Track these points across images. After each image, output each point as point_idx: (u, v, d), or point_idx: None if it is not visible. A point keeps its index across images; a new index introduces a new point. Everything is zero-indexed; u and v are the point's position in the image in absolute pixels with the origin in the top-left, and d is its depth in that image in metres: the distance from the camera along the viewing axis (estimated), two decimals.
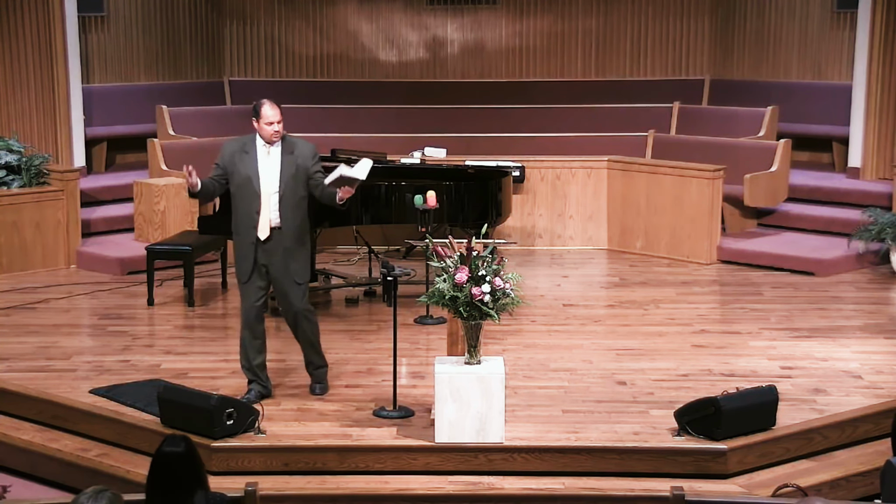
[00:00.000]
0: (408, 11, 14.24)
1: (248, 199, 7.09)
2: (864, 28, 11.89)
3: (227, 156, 7.16)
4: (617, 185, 11.49)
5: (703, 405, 6.65)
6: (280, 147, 7.12)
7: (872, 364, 8.00)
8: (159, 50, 13.77)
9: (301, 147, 7.18)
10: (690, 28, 14.04)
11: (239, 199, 7.16)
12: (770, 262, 10.68)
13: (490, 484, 6.45)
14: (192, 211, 10.85)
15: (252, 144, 7.12)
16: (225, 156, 7.18)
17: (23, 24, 11.47)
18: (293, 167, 7.10)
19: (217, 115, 13.16)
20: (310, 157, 7.18)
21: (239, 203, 7.16)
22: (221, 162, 7.19)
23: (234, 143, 7.22)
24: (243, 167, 7.09)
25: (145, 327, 9.05)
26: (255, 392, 7.28)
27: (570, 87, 13.98)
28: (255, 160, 7.09)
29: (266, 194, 7.07)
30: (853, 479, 6.56)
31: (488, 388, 6.52)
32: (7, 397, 7.48)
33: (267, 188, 7.07)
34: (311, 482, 6.46)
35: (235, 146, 7.18)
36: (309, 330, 7.37)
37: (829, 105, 12.85)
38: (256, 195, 7.07)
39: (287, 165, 7.09)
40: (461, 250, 6.53)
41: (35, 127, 11.58)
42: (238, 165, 7.10)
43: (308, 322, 7.35)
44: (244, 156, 7.10)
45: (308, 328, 7.36)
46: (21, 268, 10.53)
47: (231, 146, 7.21)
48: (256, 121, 7.07)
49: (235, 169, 7.11)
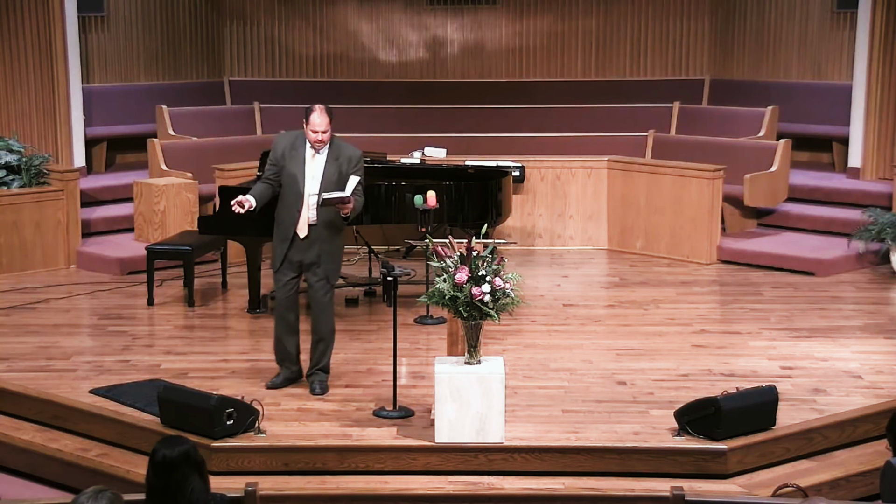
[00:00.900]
0: (408, 11, 14.24)
1: (292, 196, 7.26)
2: (864, 28, 11.89)
3: (280, 150, 7.32)
4: (617, 185, 11.49)
5: (703, 405, 6.65)
6: (327, 151, 7.25)
7: (872, 364, 8.00)
8: (159, 50, 13.77)
9: (347, 152, 7.30)
10: (690, 28, 14.04)
11: (285, 194, 7.32)
12: (770, 262, 10.69)
13: (490, 484, 6.45)
14: (192, 211, 10.86)
15: (302, 142, 7.29)
16: (277, 150, 7.33)
17: (23, 24, 11.47)
18: (336, 173, 7.23)
19: (217, 115, 13.16)
20: (353, 164, 7.30)
21: (285, 196, 7.32)
22: (274, 157, 7.34)
23: (287, 138, 7.36)
24: (291, 165, 7.26)
25: (145, 327, 9.05)
26: (282, 377, 7.46)
27: (570, 87, 13.98)
28: (303, 161, 7.25)
29: (308, 195, 7.22)
30: (853, 479, 6.56)
31: (488, 388, 6.52)
32: (7, 397, 7.48)
33: (310, 189, 7.22)
34: (311, 482, 6.46)
35: (287, 141, 7.33)
36: (326, 330, 7.44)
37: (829, 105, 12.85)
38: (300, 195, 7.23)
39: (330, 171, 7.23)
40: (461, 250, 6.54)
41: (35, 127, 11.58)
42: (288, 161, 7.28)
43: (328, 322, 7.43)
44: (294, 153, 7.27)
45: (327, 328, 7.44)
46: (21, 268, 10.53)
47: (284, 140, 7.35)
48: (305, 124, 7.21)
49: (286, 164, 7.28)
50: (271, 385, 7.46)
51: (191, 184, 11.01)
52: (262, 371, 7.87)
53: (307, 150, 7.25)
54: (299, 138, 7.30)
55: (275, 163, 7.34)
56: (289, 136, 7.39)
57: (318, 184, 7.22)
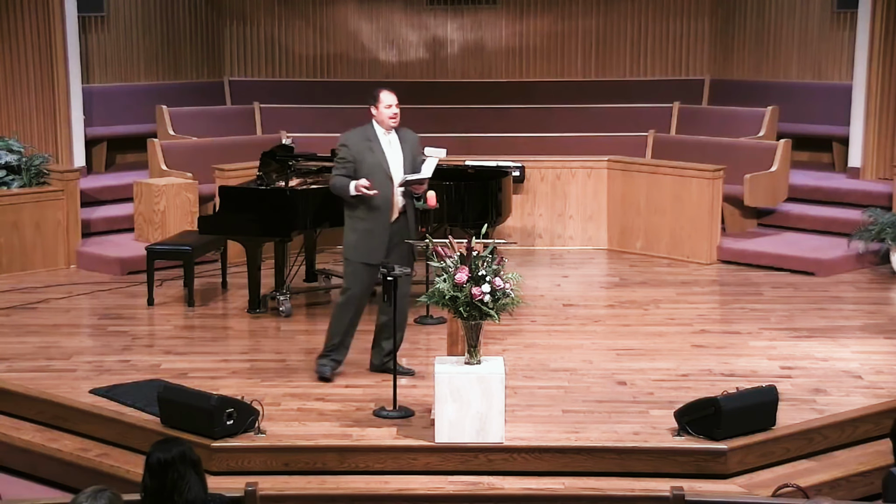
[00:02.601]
0: (408, 11, 14.23)
1: (381, 185, 7.36)
2: (864, 28, 11.88)
3: (354, 147, 7.43)
4: (617, 185, 11.49)
5: (703, 405, 6.65)
6: (397, 136, 7.46)
7: (872, 364, 8.00)
8: (159, 50, 13.76)
9: (409, 135, 7.57)
10: (690, 28, 14.04)
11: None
12: (770, 262, 10.68)
13: (490, 484, 6.45)
14: (192, 211, 10.86)
15: (373, 133, 7.44)
16: (352, 148, 7.43)
17: (23, 24, 11.47)
18: (410, 154, 7.48)
19: (217, 115, 13.16)
20: (417, 144, 7.56)
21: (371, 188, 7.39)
22: (349, 155, 7.43)
23: (356, 135, 7.49)
24: (371, 156, 7.38)
25: (145, 327, 9.05)
26: (329, 367, 7.61)
27: (570, 87, 13.97)
28: (381, 148, 7.41)
29: (395, 180, 7.39)
30: (853, 479, 6.56)
31: (488, 388, 6.52)
32: (7, 397, 7.48)
33: (395, 174, 7.39)
34: (311, 482, 6.46)
35: (358, 137, 7.47)
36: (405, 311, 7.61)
37: (829, 105, 12.84)
38: (390, 180, 7.38)
39: (406, 152, 7.48)
40: (461, 250, 6.54)
41: (35, 127, 11.58)
42: (365, 154, 7.39)
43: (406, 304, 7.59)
44: (369, 144, 7.41)
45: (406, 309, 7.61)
46: (21, 268, 10.53)
47: (354, 137, 7.48)
48: (374, 106, 7.42)
49: (363, 158, 7.38)
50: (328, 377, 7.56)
51: (191, 184, 11.00)
52: (261, 371, 7.88)
53: (381, 139, 7.41)
54: (368, 131, 7.45)
55: (350, 159, 7.40)
56: (356, 132, 7.51)
57: (401, 167, 7.44)
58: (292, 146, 9.83)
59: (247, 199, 9.21)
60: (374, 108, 7.44)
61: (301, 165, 9.74)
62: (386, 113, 7.41)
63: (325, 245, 11.21)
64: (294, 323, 9.10)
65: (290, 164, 9.50)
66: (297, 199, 9.12)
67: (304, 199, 9.14)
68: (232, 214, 9.23)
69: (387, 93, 7.43)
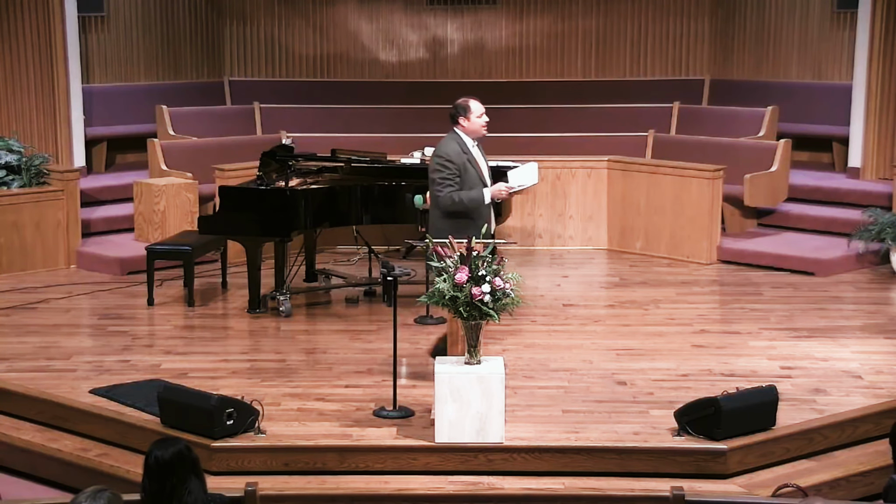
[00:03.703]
0: (408, 11, 14.24)
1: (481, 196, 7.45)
2: (864, 28, 11.88)
3: (456, 158, 7.46)
4: (617, 186, 11.49)
5: (703, 405, 6.65)
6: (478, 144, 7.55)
7: (872, 364, 8.00)
8: (159, 50, 13.77)
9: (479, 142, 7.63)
10: (690, 28, 14.04)
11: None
12: (770, 262, 10.68)
13: (490, 484, 6.45)
14: (192, 211, 10.87)
15: (465, 145, 7.51)
16: (455, 159, 7.45)
17: (23, 24, 11.47)
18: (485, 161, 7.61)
19: (217, 115, 13.16)
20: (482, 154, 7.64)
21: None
22: (455, 166, 7.45)
23: (453, 145, 7.51)
24: (471, 167, 7.47)
25: (145, 327, 9.05)
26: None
27: (570, 87, 13.98)
28: (476, 159, 7.50)
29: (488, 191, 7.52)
30: (853, 479, 6.55)
31: (488, 388, 6.52)
32: (7, 397, 7.48)
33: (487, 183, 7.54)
34: (311, 482, 6.46)
35: (456, 147, 7.51)
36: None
37: (829, 105, 12.85)
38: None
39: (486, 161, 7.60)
40: (461, 250, 6.54)
41: (35, 127, 11.58)
42: (467, 165, 7.46)
43: None
44: (466, 157, 7.46)
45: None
46: (21, 268, 10.53)
47: (453, 148, 7.50)
48: (465, 117, 7.48)
49: (466, 168, 7.44)
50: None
51: (191, 184, 11.01)
52: (261, 371, 7.88)
53: (473, 150, 7.50)
54: (459, 142, 7.50)
55: (456, 174, 7.43)
56: (450, 146, 7.52)
57: (488, 178, 7.56)
58: (292, 146, 9.83)
59: (247, 199, 9.21)
60: (463, 118, 7.50)
61: (301, 165, 9.75)
62: (479, 122, 7.50)
63: (325, 245, 11.22)
64: (294, 323, 9.10)
65: (290, 164, 9.50)
66: (297, 199, 9.12)
67: (304, 199, 9.14)
68: (232, 214, 9.23)
69: (477, 102, 7.53)
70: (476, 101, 7.58)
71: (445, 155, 7.48)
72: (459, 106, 7.54)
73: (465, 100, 7.59)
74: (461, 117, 7.52)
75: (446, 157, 7.47)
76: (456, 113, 7.54)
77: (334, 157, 9.97)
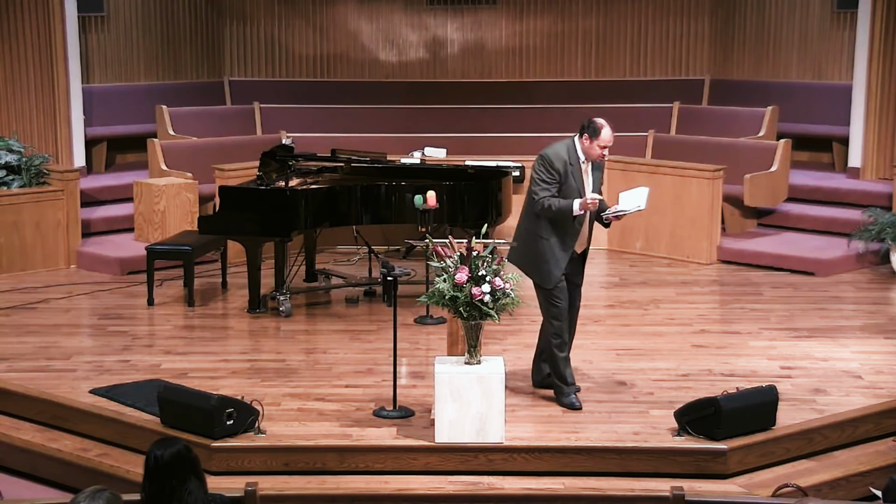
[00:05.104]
0: (408, 11, 14.23)
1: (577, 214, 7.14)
2: (864, 28, 11.88)
3: (560, 165, 7.11)
4: (617, 185, 11.45)
5: (703, 405, 6.65)
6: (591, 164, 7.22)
7: (872, 364, 8.00)
8: (159, 50, 13.76)
9: (599, 164, 7.29)
10: (690, 28, 14.04)
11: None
12: (770, 262, 10.68)
13: (490, 484, 6.45)
14: (192, 211, 10.86)
15: (575, 156, 7.14)
16: (558, 165, 7.10)
17: (23, 24, 11.47)
18: (598, 183, 7.27)
19: (217, 115, 13.16)
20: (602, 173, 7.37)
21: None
22: (556, 172, 7.11)
23: (561, 152, 7.15)
24: (572, 180, 7.13)
25: (145, 327, 9.05)
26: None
27: (570, 87, 13.97)
28: (581, 174, 7.15)
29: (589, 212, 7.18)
30: (853, 479, 6.56)
31: (488, 388, 6.52)
32: (7, 397, 7.48)
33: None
34: (311, 482, 6.46)
35: (563, 155, 7.14)
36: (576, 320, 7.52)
37: (829, 105, 12.84)
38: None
39: (596, 181, 7.25)
40: (461, 250, 6.54)
41: (35, 127, 11.58)
42: (569, 177, 7.12)
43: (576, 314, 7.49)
44: (571, 168, 7.13)
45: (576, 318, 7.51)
46: (21, 268, 10.53)
47: (559, 155, 7.14)
48: (589, 138, 7.07)
49: (567, 179, 7.12)
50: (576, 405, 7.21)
51: (191, 184, 11.01)
52: (261, 371, 7.87)
53: (582, 166, 7.15)
54: (570, 153, 7.13)
55: (557, 179, 7.09)
56: (560, 149, 7.17)
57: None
58: (292, 146, 9.83)
59: (247, 199, 9.21)
60: (587, 137, 7.08)
61: (301, 165, 9.75)
62: (596, 150, 7.10)
63: (325, 245, 11.22)
64: (294, 323, 9.10)
65: (290, 164, 9.50)
66: (297, 199, 9.12)
67: (304, 199, 9.13)
68: (232, 214, 9.23)
69: (609, 131, 7.07)
70: (608, 130, 7.08)
71: (548, 157, 7.16)
72: (592, 125, 7.10)
73: (601, 123, 7.08)
74: (586, 134, 7.11)
75: (548, 160, 7.14)
76: (584, 128, 7.14)
77: (334, 157, 9.97)
